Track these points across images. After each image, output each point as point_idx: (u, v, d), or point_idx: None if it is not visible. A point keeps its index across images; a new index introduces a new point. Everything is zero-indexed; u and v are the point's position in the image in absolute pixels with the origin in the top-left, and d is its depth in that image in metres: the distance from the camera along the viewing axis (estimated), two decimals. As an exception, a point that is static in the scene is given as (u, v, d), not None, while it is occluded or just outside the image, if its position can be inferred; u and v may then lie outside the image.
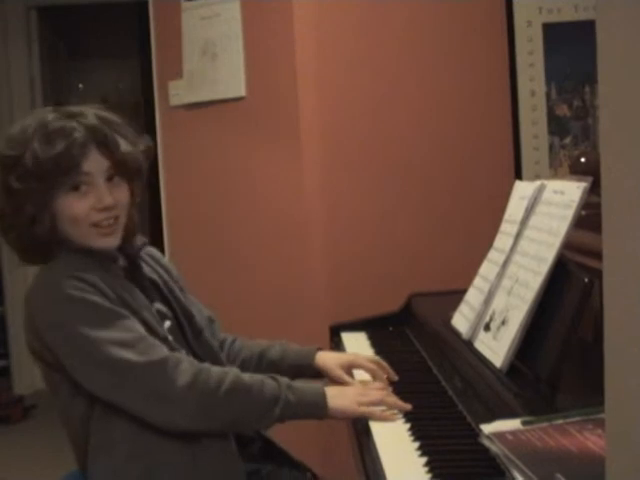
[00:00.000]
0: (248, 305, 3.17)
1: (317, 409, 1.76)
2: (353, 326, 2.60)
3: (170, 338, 1.80)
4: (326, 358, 2.03)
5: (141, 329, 1.70)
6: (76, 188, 1.73)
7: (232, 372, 1.72)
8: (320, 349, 2.08)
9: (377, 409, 1.77)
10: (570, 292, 1.62)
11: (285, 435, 1.99)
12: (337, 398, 1.77)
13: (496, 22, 3.14)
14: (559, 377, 1.59)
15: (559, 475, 1.14)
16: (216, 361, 1.91)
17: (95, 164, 1.74)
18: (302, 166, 3.04)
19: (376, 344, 2.41)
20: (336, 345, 2.50)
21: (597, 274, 1.53)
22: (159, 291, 1.92)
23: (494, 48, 3.15)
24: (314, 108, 3.05)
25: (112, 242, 1.79)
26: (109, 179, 1.77)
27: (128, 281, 1.81)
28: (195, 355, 1.88)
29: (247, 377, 1.73)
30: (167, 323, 1.86)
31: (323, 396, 1.76)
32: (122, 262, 1.86)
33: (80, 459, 1.79)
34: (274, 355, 2.06)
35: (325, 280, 3.07)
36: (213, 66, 3.22)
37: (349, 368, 2.01)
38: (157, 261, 1.99)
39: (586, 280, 1.58)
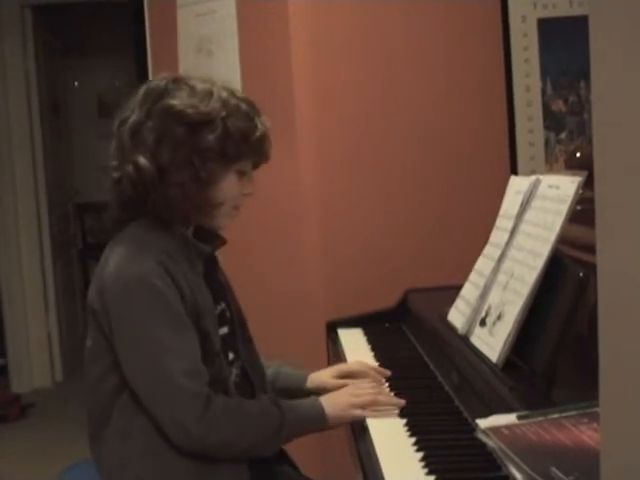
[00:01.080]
0: (244, 302, 3.16)
1: (318, 424, 1.78)
2: (349, 322, 2.60)
3: (219, 350, 1.77)
4: (317, 377, 2.03)
5: (197, 348, 1.68)
6: (243, 172, 1.81)
7: (243, 412, 1.70)
8: (310, 373, 2.06)
9: (370, 411, 1.78)
10: (565, 287, 1.62)
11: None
12: (333, 408, 1.78)
13: (491, 17, 3.14)
14: (555, 372, 1.59)
15: (555, 469, 1.15)
16: (259, 372, 1.93)
17: None
18: (298, 163, 3.04)
19: (372, 340, 2.41)
20: (333, 341, 2.50)
21: (592, 269, 1.53)
22: (223, 292, 1.91)
23: (489, 44, 3.15)
24: (310, 105, 3.05)
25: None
26: None
27: (203, 278, 1.79)
28: (242, 361, 1.88)
29: (254, 411, 1.72)
30: (224, 329, 1.84)
31: (321, 410, 1.77)
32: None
33: (93, 434, 1.77)
34: (268, 376, 2.04)
35: (321, 276, 3.07)
36: (209, 63, 3.22)
37: (341, 375, 2.01)
38: (219, 262, 1.98)
39: (581, 275, 1.58)
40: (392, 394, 1.87)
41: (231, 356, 1.85)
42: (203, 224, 1.83)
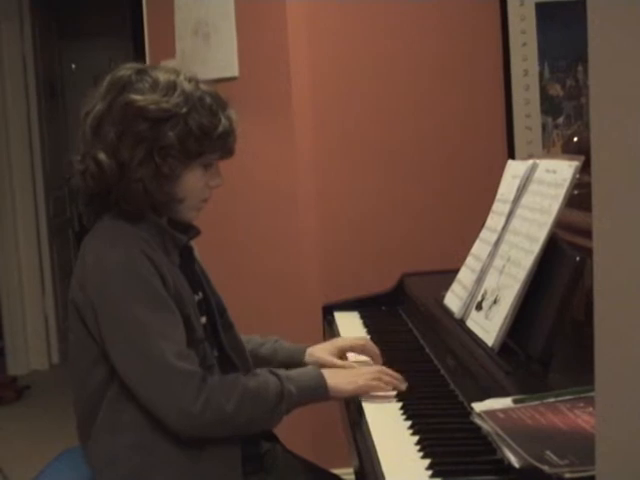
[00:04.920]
0: (240, 285, 3.17)
1: (319, 392, 1.76)
2: (346, 306, 2.60)
3: (203, 337, 1.77)
4: (316, 351, 2.01)
5: (184, 332, 1.68)
6: (207, 165, 1.77)
7: (240, 384, 1.69)
8: (309, 346, 2.05)
9: (374, 382, 1.78)
10: (562, 271, 1.62)
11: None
12: (334, 377, 1.78)
13: (489, 1, 3.13)
14: (551, 356, 1.59)
15: (549, 452, 1.15)
16: (243, 357, 1.91)
17: None
18: (295, 145, 3.04)
19: (369, 324, 2.41)
20: (329, 325, 2.50)
21: (589, 253, 1.53)
22: (200, 282, 1.90)
23: (487, 27, 3.14)
24: (307, 88, 3.04)
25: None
26: None
27: (179, 268, 1.78)
28: (223, 350, 1.87)
29: (252, 383, 1.70)
30: (203, 319, 1.83)
31: (322, 378, 1.77)
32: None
33: (82, 431, 1.77)
34: (265, 352, 2.04)
35: (318, 260, 3.07)
36: (205, 46, 3.21)
37: (340, 352, 2.01)
38: (195, 252, 1.97)
39: (578, 259, 1.58)
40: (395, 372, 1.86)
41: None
42: (171, 217, 1.81)
